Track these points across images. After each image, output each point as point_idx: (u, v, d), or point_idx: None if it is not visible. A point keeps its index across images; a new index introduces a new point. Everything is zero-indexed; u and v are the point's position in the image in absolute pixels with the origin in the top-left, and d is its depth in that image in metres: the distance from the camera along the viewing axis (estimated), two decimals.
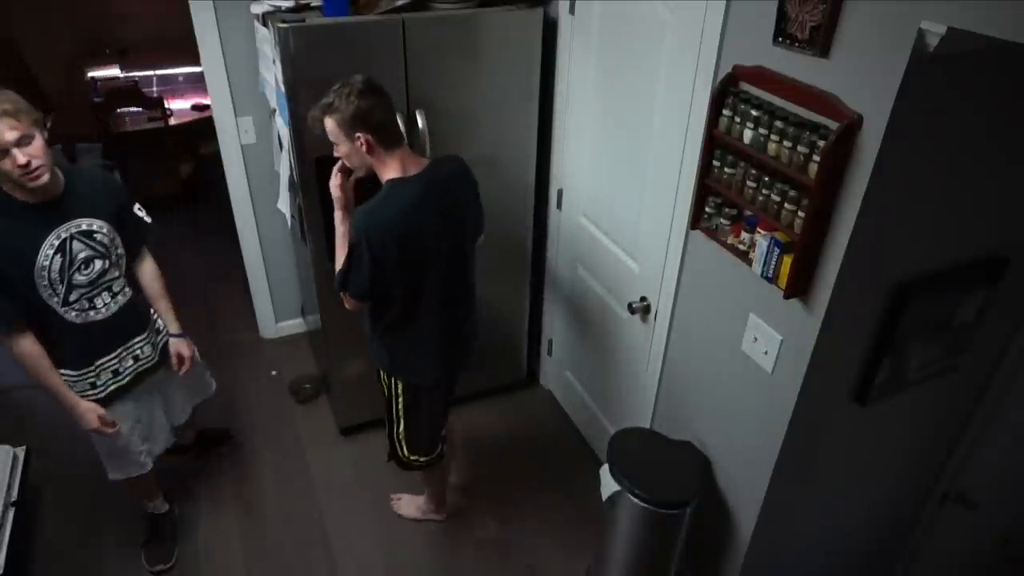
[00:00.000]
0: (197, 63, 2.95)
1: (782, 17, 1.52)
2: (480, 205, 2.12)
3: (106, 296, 2.05)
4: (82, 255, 1.96)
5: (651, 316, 2.33)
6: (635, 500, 1.99)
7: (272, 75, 2.53)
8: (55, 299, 1.94)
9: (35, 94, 4.88)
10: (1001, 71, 1.42)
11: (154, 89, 4.98)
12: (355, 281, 1.91)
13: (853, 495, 2.13)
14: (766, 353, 1.80)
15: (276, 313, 3.64)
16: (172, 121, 4.49)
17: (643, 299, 2.34)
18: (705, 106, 1.81)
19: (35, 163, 1.76)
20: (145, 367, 2.22)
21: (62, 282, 1.93)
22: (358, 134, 1.81)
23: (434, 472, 2.47)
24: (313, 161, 2.39)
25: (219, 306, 3.91)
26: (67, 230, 1.92)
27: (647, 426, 2.46)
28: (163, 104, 4.34)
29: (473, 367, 2.36)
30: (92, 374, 2.10)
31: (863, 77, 1.38)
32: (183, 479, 2.82)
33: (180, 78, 5.07)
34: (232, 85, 2.97)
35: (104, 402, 2.13)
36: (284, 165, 2.68)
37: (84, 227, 1.96)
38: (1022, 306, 1.91)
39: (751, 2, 1.62)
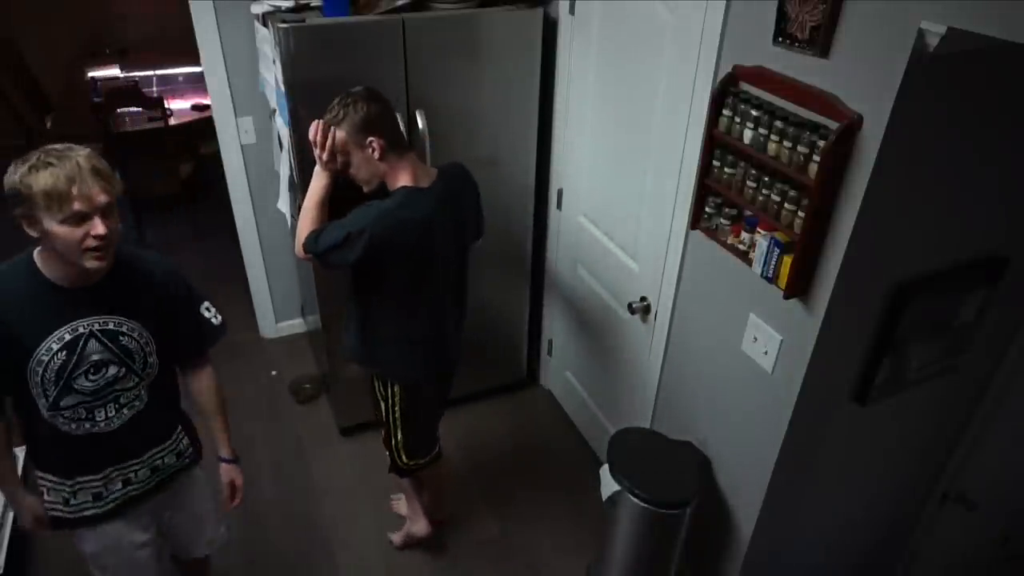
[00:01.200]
0: (197, 63, 2.95)
1: (782, 17, 1.52)
2: (481, 210, 2.12)
3: (110, 408, 1.61)
4: (95, 357, 1.54)
5: (651, 316, 2.33)
6: (635, 500, 1.99)
7: (272, 75, 2.53)
8: (41, 400, 1.54)
9: (35, 94, 4.88)
10: (1001, 71, 1.42)
11: (154, 89, 4.97)
12: (334, 254, 1.83)
13: (853, 495, 2.13)
14: (766, 353, 1.80)
15: (276, 313, 3.64)
16: (172, 121, 4.49)
17: (643, 299, 2.34)
18: (705, 106, 1.81)
19: (111, 238, 1.48)
20: (136, 493, 1.76)
21: (57, 384, 1.52)
22: (370, 139, 1.79)
23: (425, 478, 2.44)
24: (313, 161, 2.38)
25: (219, 306, 3.89)
26: (87, 325, 1.53)
27: (647, 426, 2.46)
28: (163, 104, 4.34)
29: (471, 367, 2.36)
30: (67, 489, 1.68)
31: (863, 77, 1.38)
32: None
33: (180, 78, 5.07)
34: (232, 85, 2.97)
35: (74, 522, 1.75)
36: (284, 165, 2.68)
37: (111, 326, 1.56)
38: (1022, 306, 1.91)
39: (751, 2, 1.62)
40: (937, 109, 1.40)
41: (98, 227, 1.44)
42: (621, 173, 2.37)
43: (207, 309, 1.86)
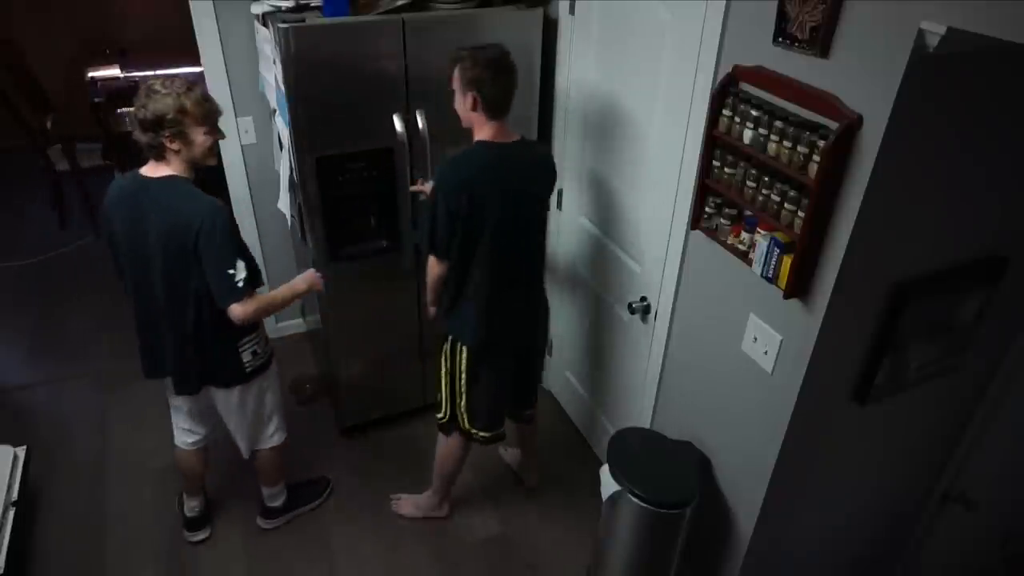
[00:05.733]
0: (197, 63, 2.94)
1: (782, 17, 1.52)
2: (549, 191, 2.26)
3: None
4: None
5: (651, 316, 2.33)
6: (635, 500, 1.99)
7: (272, 75, 2.53)
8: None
9: (35, 94, 4.88)
10: (1001, 71, 1.42)
11: None
12: (440, 236, 2.04)
13: (853, 495, 2.13)
14: (766, 353, 1.80)
15: (276, 313, 3.63)
16: None
17: (643, 299, 2.34)
18: (705, 106, 1.81)
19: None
20: None
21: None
22: (471, 93, 1.97)
23: (456, 459, 2.49)
24: (313, 161, 2.39)
25: None
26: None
27: (647, 426, 2.46)
28: None
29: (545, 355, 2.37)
30: (255, 337, 2.20)
31: (863, 77, 1.38)
32: None
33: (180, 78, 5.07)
34: (232, 85, 2.97)
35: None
36: (284, 165, 2.68)
37: None
38: (1022, 306, 1.91)
39: (751, 2, 1.62)
40: (937, 109, 1.40)
41: (220, 133, 1.97)
42: (621, 173, 2.36)
43: None
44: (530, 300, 2.31)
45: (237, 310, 1.95)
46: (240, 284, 1.93)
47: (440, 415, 2.40)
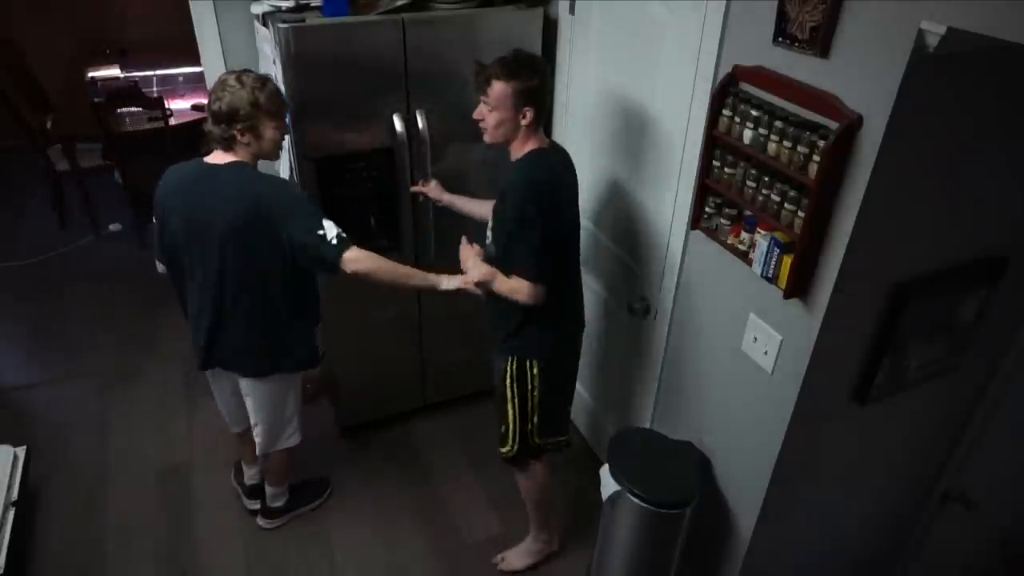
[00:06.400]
0: (197, 63, 2.94)
1: (782, 17, 1.52)
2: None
3: None
4: None
5: (651, 316, 2.33)
6: (635, 500, 1.99)
7: (272, 75, 2.53)
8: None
9: (35, 94, 4.88)
10: (1001, 71, 1.42)
11: (154, 89, 4.96)
12: (545, 261, 1.89)
13: (853, 495, 2.13)
14: (766, 353, 1.80)
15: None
16: (172, 121, 4.48)
17: (643, 299, 2.34)
18: (705, 106, 1.81)
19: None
20: None
21: None
22: (528, 108, 1.83)
23: (545, 487, 2.36)
24: (313, 161, 2.39)
25: None
26: None
27: (647, 426, 2.46)
28: (163, 104, 4.33)
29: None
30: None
31: (863, 77, 1.38)
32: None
33: (180, 78, 5.06)
34: None
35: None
36: (284, 165, 2.68)
37: None
38: (1022, 306, 1.91)
39: (751, 2, 1.62)
40: (937, 109, 1.40)
41: (288, 129, 2.03)
42: (621, 173, 2.36)
43: None
44: (580, 293, 2.22)
45: (350, 262, 1.92)
46: (334, 241, 1.91)
47: (507, 449, 2.20)
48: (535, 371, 2.07)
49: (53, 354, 3.54)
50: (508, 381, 2.10)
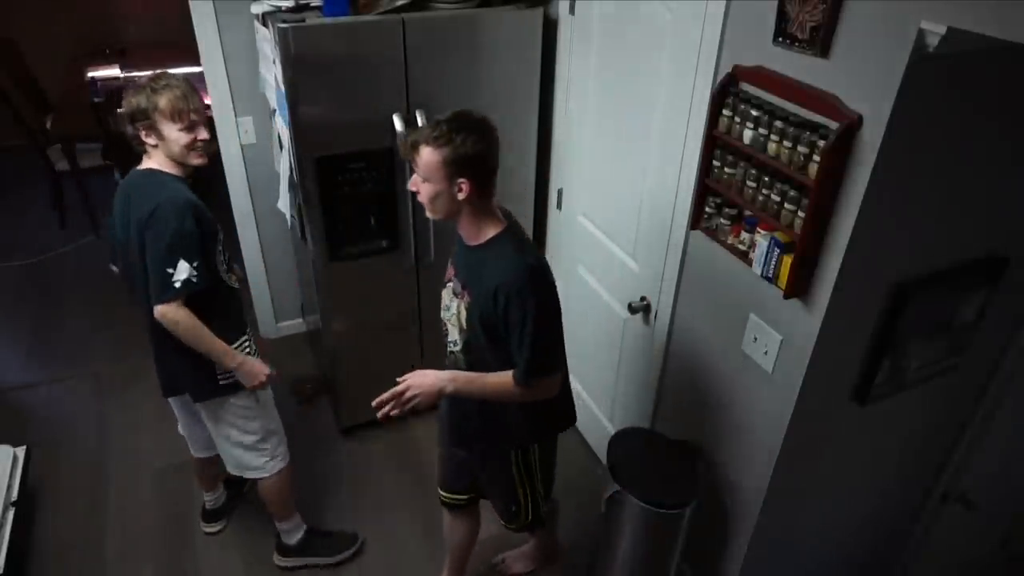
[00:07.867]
0: (197, 63, 2.94)
1: (782, 17, 1.52)
2: None
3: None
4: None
5: (651, 316, 2.33)
6: (635, 500, 1.99)
7: (272, 75, 2.53)
8: (222, 265, 2.03)
9: (35, 94, 4.88)
10: (1001, 71, 1.42)
11: None
12: (557, 351, 1.70)
13: (853, 495, 2.13)
14: (766, 353, 1.80)
15: (276, 313, 3.63)
16: None
17: (643, 299, 2.34)
18: (705, 106, 1.81)
19: (209, 143, 1.99)
20: None
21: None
22: (462, 179, 1.56)
23: (555, 542, 2.39)
24: (313, 161, 2.39)
25: None
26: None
27: (647, 426, 2.46)
28: None
29: None
30: (247, 340, 2.12)
31: (863, 77, 1.38)
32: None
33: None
34: (232, 85, 2.97)
35: None
36: (284, 165, 2.69)
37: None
38: (1022, 306, 1.91)
39: (751, 2, 1.62)
40: (937, 109, 1.40)
41: (203, 133, 1.93)
42: (621, 173, 2.36)
43: None
44: None
45: (161, 310, 1.84)
46: (176, 284, 1.83)
47: (516, 525, 2.11)
48: (535, 453, 1.96)
49: (53, 354, 3.54)
50: (515, 471, 1.96)
